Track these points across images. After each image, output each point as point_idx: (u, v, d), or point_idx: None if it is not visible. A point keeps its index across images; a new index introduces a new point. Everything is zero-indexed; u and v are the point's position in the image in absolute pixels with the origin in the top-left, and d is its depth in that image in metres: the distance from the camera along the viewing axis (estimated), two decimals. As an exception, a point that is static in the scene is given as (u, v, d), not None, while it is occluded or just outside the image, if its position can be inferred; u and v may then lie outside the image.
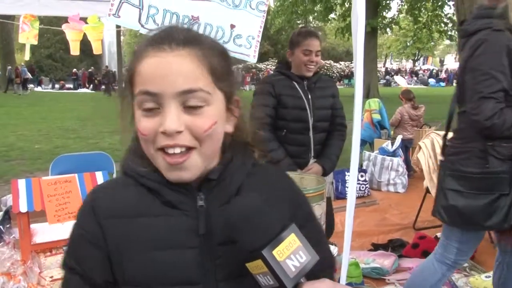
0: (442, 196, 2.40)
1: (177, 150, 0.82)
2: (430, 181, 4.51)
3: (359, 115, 2.41)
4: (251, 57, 2.70)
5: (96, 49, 4.70)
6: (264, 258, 0.74)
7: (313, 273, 0.79)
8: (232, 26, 2.63)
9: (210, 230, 0.87)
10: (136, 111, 0.85)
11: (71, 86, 34.61)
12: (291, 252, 0.76)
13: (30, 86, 31.98)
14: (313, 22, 49.90)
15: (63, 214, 2.04)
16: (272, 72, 3.43)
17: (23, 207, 2.02)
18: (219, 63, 0.85)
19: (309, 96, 2.98)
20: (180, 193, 0.87)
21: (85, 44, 5.51)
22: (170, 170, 0.84)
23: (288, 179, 1.05)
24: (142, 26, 2.31)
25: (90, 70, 30.43)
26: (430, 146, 4.68)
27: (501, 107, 2.23)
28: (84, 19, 4.69)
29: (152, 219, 0.86)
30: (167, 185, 0.86)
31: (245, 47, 2.64)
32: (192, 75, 0.81)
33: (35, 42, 4.79)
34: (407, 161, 6.72)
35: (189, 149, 0.83)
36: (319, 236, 1.03)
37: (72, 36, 4.51)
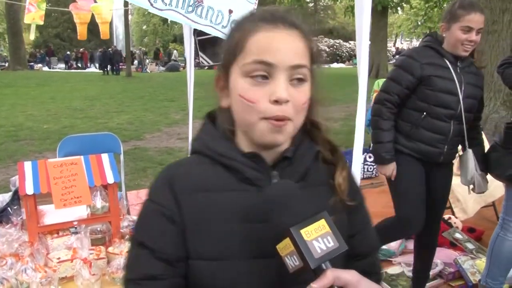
0: None
1: (282, 115, 0.89)
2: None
3: (364, 96, 2.40)
4: None
5: (104, 33, 4.69)
6: (291, 235, 0.77)
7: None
8: (230, 11, 2.66)
9: None
10: (239, 80, 0.91)
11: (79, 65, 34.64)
12: (319, 235, 0.78)
13: (39, 65, 32.02)
14: (322, 1, 49.29)
15: (69, 199, 2.05)
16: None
17: (30, 190, 2.03)
18: (315, 47, 0.95)
19: (462, 80, 2.58)
20: (258, 171, 0.94)
21: (93, 24, 5.45)
22: (270, 133, 0.90)
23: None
24: (151, 5, 2.33)
25: (100, 50, 30.25)
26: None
27: None
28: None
29: (230, 194, 0.93)
30: (247, 163, 0.93)
31: None
32: (301, 52, 0.91)
33: (41, 22, 4.77)
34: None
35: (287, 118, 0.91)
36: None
37: (80, 18, 4.48)
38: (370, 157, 6.02)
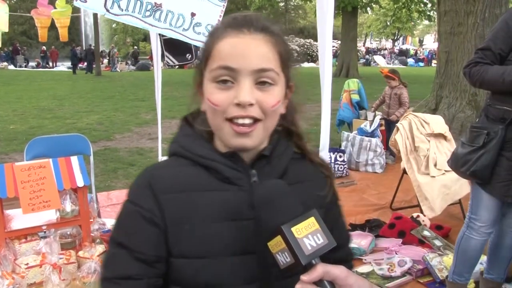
0: None
1: (247, 121, 0.91)
2: (407, 162, 4.57)
3: (328, 97, 2.46)
4: None
5: (63, 36, 4.83)
6: (283, 233, 0.80)
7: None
8: (193, 14, 2.76)
9: None
10: (208, 85, 0.94)
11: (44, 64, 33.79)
12: (309, 232, 0.81)
13: (4, 64, 31.15)
14: (293, 0, 49.52)
15: (37, 203, 2.00)
16: None
17: (-4, 194, 1.98)
18: (285, 50, 0.97)
19: None
20: (237, 170, 0.97)
21: (59, 22, 5.43)
22: (235, 137, 0.93)
23: (322, 173, 1.09)
24: (108, 10, 2.39)
25: (72, 48, 29.54)
26: (408, 127, 4.73)
27: (479, 61, 2.50)
28: (52, 3, 4.72)
29: (211, 193, 0.96)
30: (225, 163, 0.96)
31: (204, 35, 2.79)
32: (266, 56, 0.92)
33: (6, 29, 4.81)
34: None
35: (255, 121, 0.92)
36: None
37: (40, 22, 4.60)
38: (340, 156, 6.10)
